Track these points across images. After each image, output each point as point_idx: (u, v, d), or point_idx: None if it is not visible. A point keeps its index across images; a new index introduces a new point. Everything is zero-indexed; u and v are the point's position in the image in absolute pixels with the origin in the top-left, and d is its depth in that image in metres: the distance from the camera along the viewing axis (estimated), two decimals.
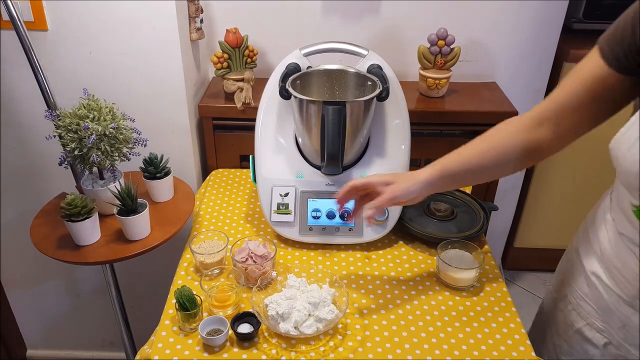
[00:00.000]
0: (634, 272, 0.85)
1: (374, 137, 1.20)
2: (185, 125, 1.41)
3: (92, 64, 1.31)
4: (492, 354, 0.91)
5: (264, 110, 1.20)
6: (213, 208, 1.30)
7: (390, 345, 0.93)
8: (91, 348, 1.90)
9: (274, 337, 0.94)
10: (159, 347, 0.92)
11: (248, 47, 1.41)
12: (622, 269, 0.88)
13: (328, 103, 1.04)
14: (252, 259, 1.05)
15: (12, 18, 1.08)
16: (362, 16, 1.51)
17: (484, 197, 1.55)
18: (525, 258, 2.25)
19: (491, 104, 1.46)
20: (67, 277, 1.72)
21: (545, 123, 0.89)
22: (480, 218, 1.21)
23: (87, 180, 1.18)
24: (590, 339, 0.96)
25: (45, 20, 1.24)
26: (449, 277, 1.05)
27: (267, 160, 1.19)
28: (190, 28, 1.38)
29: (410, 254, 1.16)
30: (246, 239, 1.10)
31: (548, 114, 0.89)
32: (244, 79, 1.42)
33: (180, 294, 0.94)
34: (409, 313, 1.00)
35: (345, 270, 1.11)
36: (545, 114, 0.89)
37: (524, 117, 0.92)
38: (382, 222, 1.15)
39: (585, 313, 0.97)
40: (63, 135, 1.07)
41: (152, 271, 1.66)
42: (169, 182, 1.26)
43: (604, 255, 0.93)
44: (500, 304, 1.02)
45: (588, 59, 0.83)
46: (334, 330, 0.96)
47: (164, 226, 1.17)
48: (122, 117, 1.13)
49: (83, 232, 1.09)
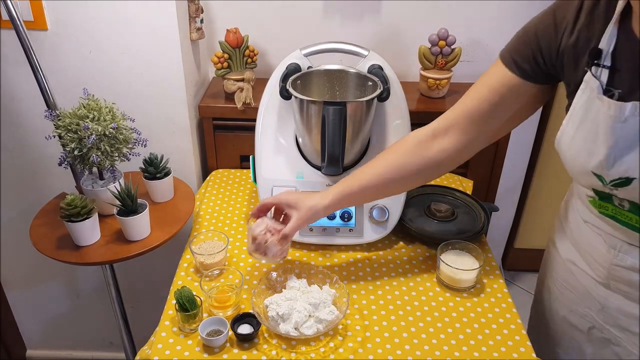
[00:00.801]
0: (602, 254, 0.89)
1: (374, 137, 1.19)
2: (186, 125, 1.41)
3: (92, 64, 1.31)
4: (493, 355, 0.91)
5: (264, 111, 1.19)
6: (213, 208, 1.30)
7: (391, 346, 0.93)
8: (91, 348, 1.90)
9: (274, 338, 0.94)
10: (158, 348, 0.92)
11: (248, 47, 1.41)
12: (592, 252, 0.91)
13: (328, 103, 1.04)
14: (270, 234, 0.98)
15: (12, 18, 1.07)
16: (362, 16, 1.50)
17: (485, 198, 1.55)
18: (525, 259, 2.25)
19: None
20: (66, 278, 1.71)
21: (450, 132, 0.93)
22: (481, 219, 1.21)
23: (87, 180, 1.18)
24: (576, 325, 0.99)
25: (45, 20, 1.24)
26: (450, 278, 1.05)
27: (268, 161, 1.18)
28: (190, 28, 1.37)
29: (410, 255, 1.15)
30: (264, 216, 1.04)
31: (455, 122, 0.92)
32: (244, 79, 1.42)
33: (180, 294, 0.93)
34: (410, 314, 1.00)
35: (345, 271, 1.11)
36: (452, 122, 0.92)
37: (428, 129, 0.95)
38: (382, 223, 1.14)
39: (567, 300, 1.00)
40: (63, 135, 1.07)
41: (152, 272, 1.66)
42: (169, 182, 1.25)
43: (576, 241, 0.96)
44: (501, 305, 1.02)
45: (493, 70, 0.88)
46: (335, 331, 0.95)
47: (164, 227, 1.17)
48: (122, 117, 1.13)
49: (83, 233, 1.09)
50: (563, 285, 1.01)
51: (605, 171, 0.76)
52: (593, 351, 0.97)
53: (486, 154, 1.46)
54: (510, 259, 2.28)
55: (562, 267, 1.00)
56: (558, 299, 1.03)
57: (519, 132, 1.70)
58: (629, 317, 0.89)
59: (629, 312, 0.88)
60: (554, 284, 1.04)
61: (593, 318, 0.95)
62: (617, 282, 0.88)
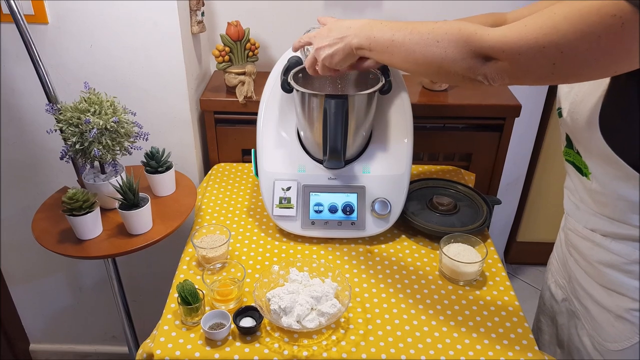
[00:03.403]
0: (565, 218, 0.95)
1: (376, 130, 1.19)
2: (187, 119, 1.40)
3: (93, 58, 1.30)
4: (495, 347, 0.91)
5: (265, 104, 1.19)
6: (215, 202, 1.30)
7: (393, 339, 0.93)
8: (93, 342, 1.91)
9: (276, 331, 0.94)
10: (161, 341, 0.92)
11: (250, 40, 1.41)
12: (569, 220, 0.95)
13: (330, 96, 1.03)
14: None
15: (12, 11, 1.07)
16: (364, 9, 1.50)
17: (487, 191, 1.55)
18: (527, 252, 2.25)
19: (494, 98, 1.45)
20: (69, 271, 1.72)
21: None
22: (483, 212, 1.21)
23: (89, 174, 1.18)
24: (554, 294, 1.05)
25: (46, 14, 1.24)
26: (452, 271, 1.05)
27: (269, 154, 1.18)
28: (191, 21, 1.37)
29: (412, 248, 1.15)
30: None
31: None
32: (245, 73, 1.42)
33: (183, 288, 0.93)
34: (412, 307, 1.00)
35: (347, 264, 1.11)
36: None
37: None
38: (384, 216, 1.14)
39: (554, 270, 1.06)
40: (64, 129, 1.07)
41: (154, 265, 1.66)
42: (170, 176, 1.25)
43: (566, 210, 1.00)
44: (503, 298, 1.02)
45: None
46: (337, 324, 0.95)
47: (165, 220, 1.17)
48: (124, 110, 1.12)
49: (85, 227, 1.09)
50: (554, 254, 1.07)
51: (558, 98, 0.83)
52: (562, 322, 1.02)
53: (489, 146, 1.45)
54: (513, 252, 2.28)
55: (559, 237, 1.06)
56: (549, 269, 1.09)
57: (522, 125, 1.69)
58: (583, 289, 0.92)
59: (583, 284, 0.91)
60: (552, 253, 1.09)
61: (566, 289, 1.00)
62: (572, 248, 0.93)
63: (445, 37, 0.75)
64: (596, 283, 0.88)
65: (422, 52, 0.79)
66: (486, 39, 0.70)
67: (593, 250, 0.86)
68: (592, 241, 0.86)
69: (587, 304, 0.91)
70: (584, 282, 0.91)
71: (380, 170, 1.16)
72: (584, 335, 0.93)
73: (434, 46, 0.76)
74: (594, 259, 0.87)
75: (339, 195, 1.15)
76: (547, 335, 1.09)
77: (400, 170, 1.16)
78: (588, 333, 0.92)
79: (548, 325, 1.09)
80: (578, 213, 0.89)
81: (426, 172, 1.43)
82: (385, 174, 1.16)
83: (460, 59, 0.73)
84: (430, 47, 0.77)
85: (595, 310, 0.89)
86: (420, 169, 1.44)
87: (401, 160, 1.17)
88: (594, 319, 0.90)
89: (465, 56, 0.73)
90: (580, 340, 0.94)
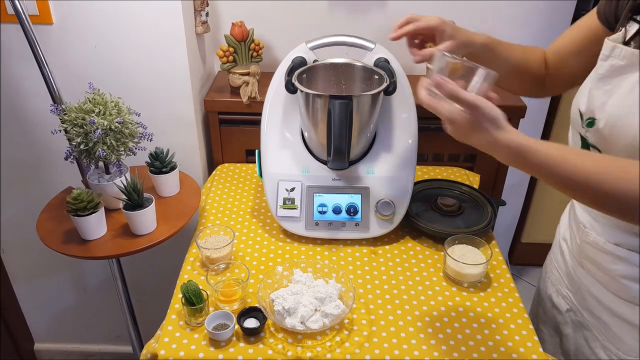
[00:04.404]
0: (577, 229, 0.92)
1: (380, 131, 1.19)
2: (191, 119, 1.40)
3: (98, 58, 1.30)
4: (499, 349, 0.91)
5: (269, 105, 1.19)
6: (219, 203, 1.30)
7: (397, 340, 0.92)
8: (98, 341, 1.91)
9: (280, 332, 0.94)
10: (165, 342, 0.92)
11: (254, 41, 1.41)
12: (574, 229, 0.94)
13: (334, 97, 1.03)
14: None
15: (17, 12, 1.07)
16: (368, 9, 1.49)
17: (492, 192, 1.54)
18: (532, 253, 2.24)
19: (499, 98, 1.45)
20: (73, 271, 1.72)
21: (548, 65, 0.99)
22: (488, 213, 1.20)
23: (93, 174, 1.18)
24: (557, 305, 1.03)
25: (50, 14, 1.24)
26: (456, 272, 1.04)
27: (273, 155, 1.18)
28: (195, 22, 1.37)
29: (417, 250, 1.15)
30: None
31: (553, 57, 0.98)
32: (249, 73, 1.41)
33: (187, 288, 0.93)
34: (416, 309, 0.99)
35: (351, 265, 1.10)
36: (550, 57, 0.98)
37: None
38: (388, 217, 1.14)
39: (555, 279, 1.04)
40: (69, 129, 1.07)
41: (158, 266, 1.66)
42: (174, 176, 1.25)
43: (568, 219, 1.00)
44: (508, 300, 1.01)
45: (587, 16, 0.92)
46: (340, 325, 0.95)
47: (170, 221, 1.17)
48: (128, 111, 1.12)
49: (89, 227, 1.09)
50: (554, 263, 1.05)
51: (583, 107, 0.82)
52: (567, 333, 1.01)
53: None
54: (517, 253, 2.27)
55: (557, 245, 1.05)
56: (549, 278, 1.07)
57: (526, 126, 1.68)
58: (598, 301, 0.90)
59: (598, 296, 0.90)
60: (550, 264, 1.07)
61: (571, 300, 0.98)
62: (587, 260, 0.91)
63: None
64: (614, 295, 0.86)
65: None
66: None
67: (615, 264, 0.84)
68: (615, 255, 0.84)
69: (601, 316, 0.89)
70: (598, 294, 0.89)
71: (385, 171, 1.16)
72: (598, 347, 0.91)
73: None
74: (616, 273, 0.84)
75: (343, 196, 1.15)
76: (550, 345, 1.06)
77: (405, 171, 1.16)
78: (602, 345, 0.90)
79: (551, 335, 1.07)
80: (599, 227, 0.87)
81: (430, 173, 1.43)
82: (389, 174, 1.16)
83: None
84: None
85: (613, 322, 0.87)
86: (424, 170, 1.44)
87: (406, 161, 1.16)
88: (610, 331, 0.88)
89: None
90: (593, 352, 0.92)
